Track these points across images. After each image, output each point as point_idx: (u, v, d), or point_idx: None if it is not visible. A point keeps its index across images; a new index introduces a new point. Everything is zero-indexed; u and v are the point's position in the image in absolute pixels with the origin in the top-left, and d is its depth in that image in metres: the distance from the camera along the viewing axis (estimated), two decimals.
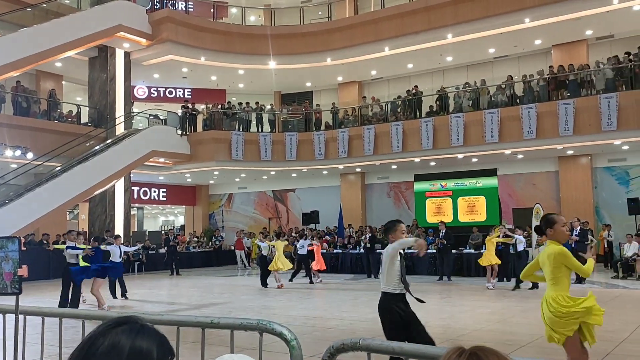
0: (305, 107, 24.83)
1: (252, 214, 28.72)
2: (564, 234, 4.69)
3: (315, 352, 6.46)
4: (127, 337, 1.17)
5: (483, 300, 12.18)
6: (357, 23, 22.42)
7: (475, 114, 20.28)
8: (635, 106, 17.47)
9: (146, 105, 25.45)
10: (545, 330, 4.75)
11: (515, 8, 18.94)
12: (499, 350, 1.10)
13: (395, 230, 5.03)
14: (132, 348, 1.16)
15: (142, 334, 1.19)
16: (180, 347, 3.11)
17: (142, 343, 1.18)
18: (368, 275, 18.14)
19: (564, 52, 21.09)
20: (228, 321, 2.63)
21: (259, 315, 10.02)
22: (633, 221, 17.90)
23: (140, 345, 1.17)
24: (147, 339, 1.19)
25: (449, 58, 22.93)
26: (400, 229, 5.04)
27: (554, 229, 4.66)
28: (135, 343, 1.17)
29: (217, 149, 23.03)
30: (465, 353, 1.07)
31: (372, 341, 2.26)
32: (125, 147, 20.72)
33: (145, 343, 1.18)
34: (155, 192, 27.85)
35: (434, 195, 21.84)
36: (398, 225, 5.08)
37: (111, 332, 1.18)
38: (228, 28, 23.60)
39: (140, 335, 1.19)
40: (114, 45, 22.03)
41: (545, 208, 19.69)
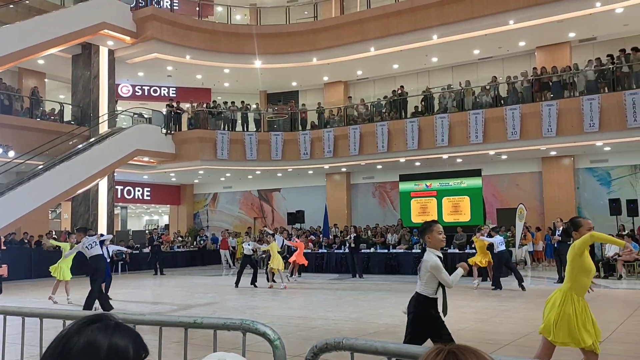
0: (291, 107, 24.81)
1: (237, 214, 28.63)
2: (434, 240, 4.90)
3: (299, 352, 6.46)
4: (104, 334, 1.16)
5: (467, 300, 12.25)
6: (343, 23, 22.46)
7: (460, 115, 20.41)
8: (616, 108, 17.71)
9: (130, 104, 25.26)
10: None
11: (499, 10, 19.10)
12: (479, 349, 1.11)
13: (431, 230, 4.94)
14: (109, 346, 1.15)
15: (117, 331, 1.18)
16: (163, 347, 3.09)
17: (119, 340, 1.16)
18: (353, 275, 18.16)
19: (548, 53, 21.30)
20: (211, 321, 2.61)
21: (244, 315, 9.99)
22: (614, 222, 18.13)
23: (116, 342, 1.16)
24: (123, 337, 1.18)
25: (435, 59, 23.06)
26: (436, 230, 4.94)
27: (579, 232, 4.93)
28: (112, 340, 1.16)
29: (202, 148, 22.91)
30: (443, 352, 1.08)
31: (356, 341, 2.26)
32: (108, 145, 20.53)
33: (122, 340, 1.17)
34: (139, 191, 27.64)
35: (418, 195, 21.93)
36: (434, 225, 4.98)
37: (86, 330, 1.16)
38: (214, 27, 23.50)
39: (116, 332, 1.18)
40: (98, 43, 21.83)
41: (529, 208, 19.91)
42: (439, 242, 4.90)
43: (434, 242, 4.88)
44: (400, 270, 18.68)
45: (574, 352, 5.57)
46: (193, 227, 28.68)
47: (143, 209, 36.65)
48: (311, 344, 2.39)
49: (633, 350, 7.05)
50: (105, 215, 21.69)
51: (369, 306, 11.24)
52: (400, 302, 11.94)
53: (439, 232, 4.89)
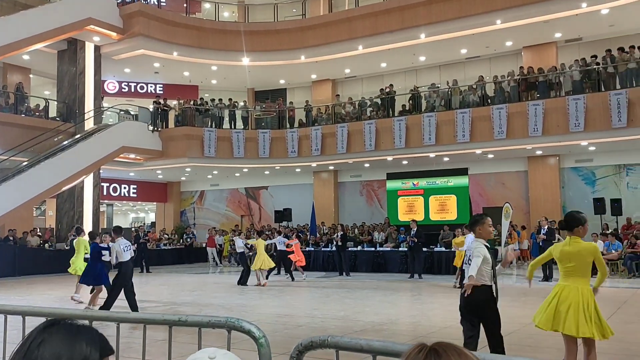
0: (278, 105, 24.77)
1: (224, 212, 28.54)
2: (489, 234, 5.39)
3: (286, 350, 6.45)
4: (63, 338, 1.14)
5: (453, 298, 12.30)
6: (331, 21, 22.44)
7: (447, 114, 20.50)
8: (601, 108, 17.88)
9: (117, 100, 25.06)
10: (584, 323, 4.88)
11: (486, 9, 19.20)
12: (462, 346, 1.11)
13: (483, 223, 5.30)
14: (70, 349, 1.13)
15: (78, 334, 1.16)
16: (147, 345, 3.07)
17: (80, 343, 1.15)
18: (340, 273, 18.18)
19: (534, 53, 21.46)
20: (196, 319, 2.60)
21: (230, 313, 9.96)
22: (598, 221, 18.33)
23: (78, 345, 1.14)
24: (84, 339, 1.16)
25: (422, 58, 23.12)
26: (487, 223, 5.32)
27: (585, 227, 5.27)
28: (73, 344, 1.14)
29: (189, 145, 22.80)
30: (425, 349, 1.09)
31: (340, 339, 2.26)
32: (94, 142, 20.36)
33: (84, 344, 1.15)
34: (125, 188, 27.45)
35: (406, 193, 22.00)
36: (485, 218, 5.34)
37: (44, 334, 1.15)
38: (201, 23, 23.38)
39: (77, 335, 1.16)
40: (84, 39, 21.62)
41: (515, 207, 20.02)
42: (488, 234, 5.36)
43: (484, 234, 5.32)
44: (387, 269, 18.74)
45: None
46: (180, 225, 28.54)
47: (129, 207, 36.40)
48: (297, 342, 2.38)
49: (615, 347, 7.14)
50: (90, 213, 21.51)
51: (355, 304, 11.26)
52: (386, 300, 11.99)
53: (489, 225, 5.36)
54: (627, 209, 18.49)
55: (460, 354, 1.07)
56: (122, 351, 4.44)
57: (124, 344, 6.85)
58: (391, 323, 9.10)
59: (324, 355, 7.16)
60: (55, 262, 19.50)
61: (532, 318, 5.33)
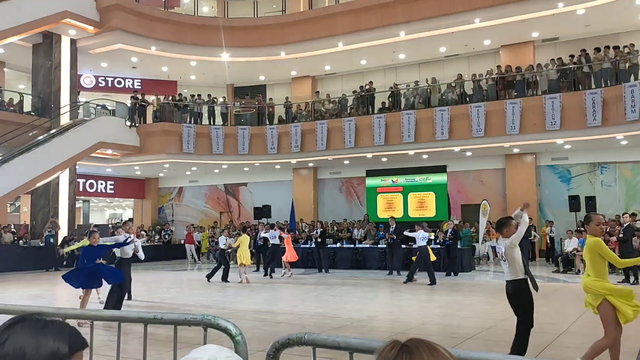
0: (258, 101, 24.65)
1: (203, 208, 28.35)
2: (597, 230, 5.62)
3: (263, 347, 6.41)
4: (30, 334, 1.11)
5: (432, 294, 12.41)
6: (311, 17, 22.41)
7: (426, 112, 20.62)
8: (577, 107, 18.16)
9: (93, 95, 24.71)
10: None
11: (465, 8, 19.35)
12: (433, 342, 1.12)
13: (509, 225, 5.94)
14: (37, 345, 1.10)
15: (46, 329, 1.13)
16: (122, 343, 3.03)
17: (47, 338, 1.12)
18: (319, 269, 18.19)
19: (512, 52, 21.69)
20: (171, 316, 2.57)
21: (209, 311, 9.90)
22: (573, 218, 18.63)
23: (44, 341, 1.11)
24: (53, 334, 1.13)
25: (402, 55, 23.21)
26: (513, 225, 5.93)
27: (590, 227, 5.63)
28: (40, 339, 1.11)
29: (167, 141, 22.59)
30: (397, 346, 1.09)
31: (318, 336, 2.25)
32: (70, 137, 20.05)
33: (51, 338, 1.12)
34: (102, 184, 27.10)
35: (385, 190, 22.13)
36: (510, 221, 6.00)
37: (9, 331, 1.12)
38: (180, 18, 23.15)
39: (44, 330, 1.13)
40: (60, 32, 21.26)
41: (492, 204, 20.27)
42: (512, 233, 5.93)
43: (510, 233, 5.90)
44: (366, 265, 18.81)
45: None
46: (158, 222, 28.28)
47: (106, 203, 35.96)
48: (275, 339, 2.37)
49: (590, 342, 7.25)
50: (66, 209, 21.20)
51: (334, 301, 11.28)
52: (365, 296, 12.03)
53: (515, 226, 5.93)
54: (601, 206, 18.81)
55: (432, 350, 1.08)
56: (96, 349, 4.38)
57: (100, 341, 6.77)
58: (370, 320, 9.13)
59: (302, 352, 7.15)
60: (30, 259, 19.22)
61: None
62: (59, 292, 13.94)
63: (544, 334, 7.72)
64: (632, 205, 19.52)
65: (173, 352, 2.80)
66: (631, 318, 5.26)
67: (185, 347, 6.76)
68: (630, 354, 6.07)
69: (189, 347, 1.26)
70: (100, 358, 5.62)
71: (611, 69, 18.40)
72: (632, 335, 6.77)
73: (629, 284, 13.24)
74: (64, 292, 14.12)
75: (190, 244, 23.83)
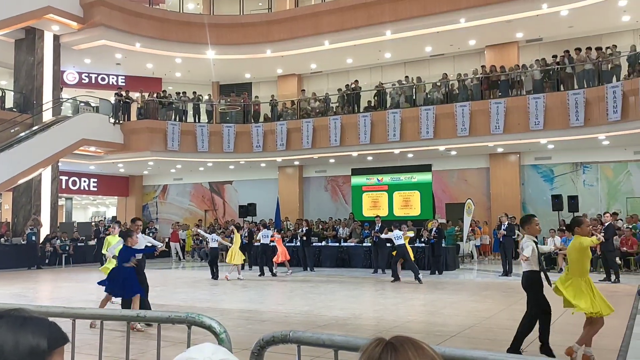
0: (243, 99, 24.56)
1: (187, 206, 28.20)
2: (588, 232, 6.30)
3: (248, 345, 6.39)
4: (8, 329, 1.10)
5: (416, 292, 12.47)
6: (297, 16, 22.38)
7: (412, 111, 20.69)
8: (560, 107, 18.35)
9: (76, 92, 24.42)
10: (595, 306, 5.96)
11: (451, 8, 19.45)
12: (419, 340, 1.12)
13: (531, 222, 6.37)
14: (16, 341, 1.08)
15: (25, 325, 1.12)
16: (105, 342, 2.99)
17: (26, 334, 1.10)
18: (304, 268, 18.18)
19: (497, 53, 21.85)
20: (155, 314, 2.55)
21: (194, 309, 9.85)
22: (556, 217, 18.81)
23: (23, 336, 1.10)
24: (33, 330, 1.11)
25: (388, 54, 23.27)
26: (535, 222, 6.39)
27: (582, 229, 6.17)
28: (19, 335, 1.09)
29: (152, 139, 22.42)
30: (382, 343, 1.09)
31: (303, 333, 2.25)
32: (53, 134, 19.82)
33: (30, 334, 1.11)
34: (85, 182, 26.82)
35: (370, 189, 22.17)
36: (533, 219, 6.43)
37: None
38: (165, 15, 22.98)
39: (24, 326, 1.11)
40: (43, 28, 21.00)
41: (476, 203, 20.43)
42: (536, 232, 6.41)
43: (532, 231, 6.35)
44: (351, 264, 18.84)
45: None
46: (142, 220, 28.05)
47: (89, 200, 35.61)
48: (260, 337, 2.36)
49: (570, 339, 7.34)
50: (48, 207, 20.96)
51: (319, 299, 11.28)
52: (350, 295, 12.05)
53: (537, 224, 6.40)
54: (583, 206, 19.02)
55: (417, 348, 1.08)
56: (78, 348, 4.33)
57: (81, 340, 6.69)
58: (355, 318, 9.15)
59: (287, 350, 7.14)
60: (11, 257, 18.97)
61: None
62: (40, 290, 13.79)
63: None
64: (613, 204, 19.79)
65: (157, 350, 2.77)
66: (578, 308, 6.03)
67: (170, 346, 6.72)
68: (609, 351, 6.15)
69: (173, 346, 1.25)
70: (82, 357, 5.55)
71: (593, 70, 18.61)
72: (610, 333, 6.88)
73: (610, 282, 13.41)
74: (46, 290, 13.97)
75: (175, 242, 23.68)
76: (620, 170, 20.08)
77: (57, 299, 11.43)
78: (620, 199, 19.99)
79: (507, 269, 15.40)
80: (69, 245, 21.16)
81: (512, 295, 11.50)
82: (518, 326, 6.38)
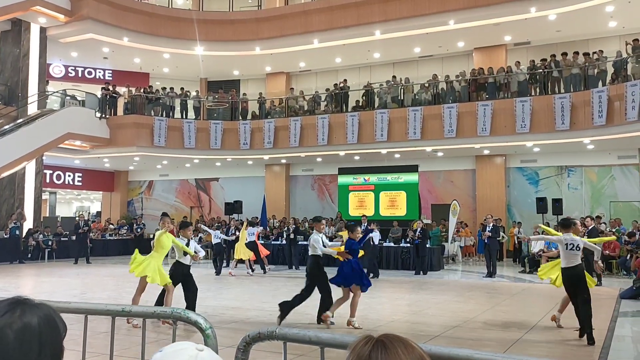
0: (231, 96, 24.46)
1: (173, 203, 28.04)
2: (579, 232, 7.98)
3: (234, 341, 6.37)
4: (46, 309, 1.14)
5: (401, 292, 12.52)
6: (287, 14, 22.33)
7: (400, 111, 20.75)
8: (546, 110, 18.51)
9: (62, 85, 24.17)
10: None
11: (440, 10, 19.54)
12: (408, 338, 1.12)
13: (575, 224, 7.74)
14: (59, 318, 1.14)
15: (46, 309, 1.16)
16: (89, 337, 2.96)
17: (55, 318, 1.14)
18: (289, 266, 18.18)
19: (485, 55, 21.98)
20: (140, 309, 2.53)
21: (179, 305, 9.79)
22: (541, 219, 18.97)
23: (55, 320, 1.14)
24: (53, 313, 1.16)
25: (377, 55, 23.31)
26: (578, 224, 7.94)
27: (574, 228, 7.64)
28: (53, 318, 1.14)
29: (138, 134, 22.25)
30: (371, 341, 1.09)
31: (289, 330, 2.25)
32: (37, 127, 19.58)
33: (56, 317, 1.15)
34: (69, 176, 26.55)
35: (357, 189, 22.20)
36: (576, 222, 7.95)
37: (18, 306, 1.13)
38: (154, 9, 22.82)
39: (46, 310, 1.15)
40: (29, 20, 20.75)
41: (462, 205, 20.54)
42: (578, 232, 7.75)
43: (576, 232, 7.63)
44: (336, 263, 18.77)
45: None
46: (127, 215, 27.86)
47: (73, 195, 35.25)
48: (246, 333, 2.35)
49: (553, 340, 7.42)
50: (32, 201, 20.73)
51: None
52: (335, 293, 12.04)
53: (579, 226, 8.08)
54: (567, 209, 19.20)
55: (406, 346, 1.08)
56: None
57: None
58: (339, 316, 9.16)
59: (272, 347, 7.12)
60: None
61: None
62: (23, 285, 13.64)
63: (512, 331, 7.86)
64: (597, 208, 20.01)
65: (141, 346, 2.75)
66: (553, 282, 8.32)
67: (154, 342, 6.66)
68: (591, 352, 6.23)
69: (157, 342, 1.24)
70: (65, 352, 5.50)
71: (580, 75, 18.79)
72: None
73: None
74: (28, 285, 13.83)
75: None
76: (604, 174, 20.30)
77: (40, 293, 11.31)
78: (604, 202, 20.22)
79: (492, 271, 15.50)
80: (52, 240, 20.93)
81: (495, 297, 11.59)
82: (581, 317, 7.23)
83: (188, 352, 1.18)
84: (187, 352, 1.18)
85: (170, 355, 1.18)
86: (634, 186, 19.71)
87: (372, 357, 1.06)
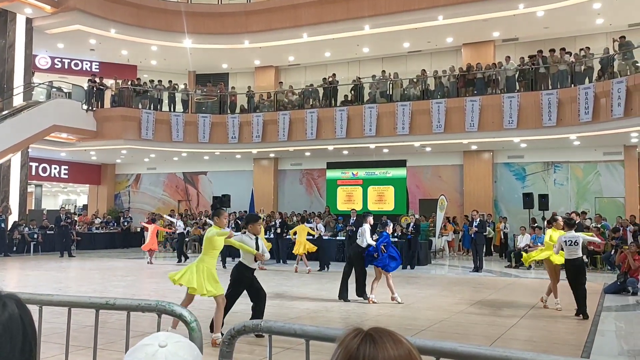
0: (220, 89, 24.34)
1: (160, 196, 27.89)
2: (560, 226, 9.28)
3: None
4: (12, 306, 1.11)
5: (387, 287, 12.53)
6: (276, 7, 22.22)
7: (388, 106, 20.77)
8: (534, 107, 18.62)
9: (49, 77, 23.90)
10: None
11: (429, 5, 19.56)
12: (397, 332, 1.12)
13: (557, 220, 9.43)
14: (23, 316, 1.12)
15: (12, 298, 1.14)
16: (73, 331, 2.95)
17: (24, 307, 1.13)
18: (277, 260, 18.16)
19: (473, 51, 22.04)
20: (124, 302, 2.51)
21: (164, 299, 9.74)
22: (527, 214, 19.13)
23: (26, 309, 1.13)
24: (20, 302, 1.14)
25: (366, 49, 23.30)
26: (560, 220, 9.43)
27: (557, 224, 9.36)
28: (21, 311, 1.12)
29: (125, 127, 22.08)
30: (360, 334, 1.08)
31: (274, 323, 2.25)
32: (23, 119, 19.37)
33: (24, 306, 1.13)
34: (55, 169, 26.30)
35: (345, 183, 22.24)
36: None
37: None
38: (142, 1, 22.58)
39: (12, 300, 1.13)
40: (15, 10, 20.48)
41: (450, 200, 20.64)
42: (560, 228, 9.33)
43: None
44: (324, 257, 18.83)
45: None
46: (114, 209, 27.68)
47: (60, 188, 34.92)
48: (232, 326, 2.35)
49: (537, 335, 7.49)
50: (17, 193, 20.52)
51: (291, 291, 11.29)
52: (322, 288, 12.07)
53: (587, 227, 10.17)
54: (553, 204, 19.37)
55: (395, 340, 1.07)
56: (45, 337, 4.26)
57: (48, 329, 6.58)
58: (326, 310, 9.19)
59: (257, 340, 7.14)
60: None
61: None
62: (7, 278, 13.51)
63: (496, 327, 7.92)
64: (582, 204, 20.20)
65: (125, 339, 2.74)
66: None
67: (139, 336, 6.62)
68: (574, 347, 6.30)
69: (142, 336, 1.23)
70: (49, 345, 5.47)
71: (567, 71, 18.91)
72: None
73: None
74: (13, 278, 13.69)
75: None
76: (589, 170, 20.49)
77: (25, 286, 11.21)
78: (589, 198, 20.41)
79: (478, 265, 15.60)
80: (38, 233, 20.75)
81: (481, 291, 11.67)
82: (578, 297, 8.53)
83: (147, 349, 1.17)
84: (147, 349, 1.17)
85: (132, 352, 1.18)
86: (618, 182, 19.92)
87: (361, 350, 1.05)
